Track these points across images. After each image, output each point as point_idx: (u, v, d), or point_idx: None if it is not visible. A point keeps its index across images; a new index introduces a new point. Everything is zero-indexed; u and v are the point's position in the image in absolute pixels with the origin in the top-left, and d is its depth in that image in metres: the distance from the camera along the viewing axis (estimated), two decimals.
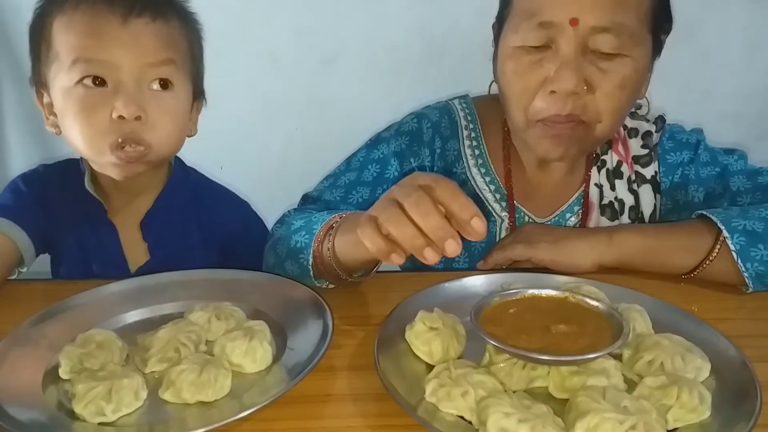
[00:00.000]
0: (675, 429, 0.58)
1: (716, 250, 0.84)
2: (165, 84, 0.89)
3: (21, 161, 1.56)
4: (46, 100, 0.92)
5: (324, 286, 0.83)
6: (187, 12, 0.95)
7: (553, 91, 0.88)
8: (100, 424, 0.60)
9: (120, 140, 0.86)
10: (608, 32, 0.86)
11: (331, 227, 0.78)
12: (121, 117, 0.85)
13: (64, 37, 0.86)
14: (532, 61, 0.89)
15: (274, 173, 1.51)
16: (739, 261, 0.83)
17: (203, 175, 1.09)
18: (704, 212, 0.87)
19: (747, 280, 0.83)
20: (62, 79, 0.87)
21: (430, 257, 0.60)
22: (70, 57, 0.85)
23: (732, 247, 0.83)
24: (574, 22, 0.86)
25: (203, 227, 1.04)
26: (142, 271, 0.98)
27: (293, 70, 1.50)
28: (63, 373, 0.67)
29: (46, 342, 0.71)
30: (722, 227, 0.84)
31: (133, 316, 0.78)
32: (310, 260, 0.80)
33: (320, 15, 1.45)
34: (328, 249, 0.76)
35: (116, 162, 0.88)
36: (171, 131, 0.91)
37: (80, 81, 0.85)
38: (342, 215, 0.79)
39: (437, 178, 0.61)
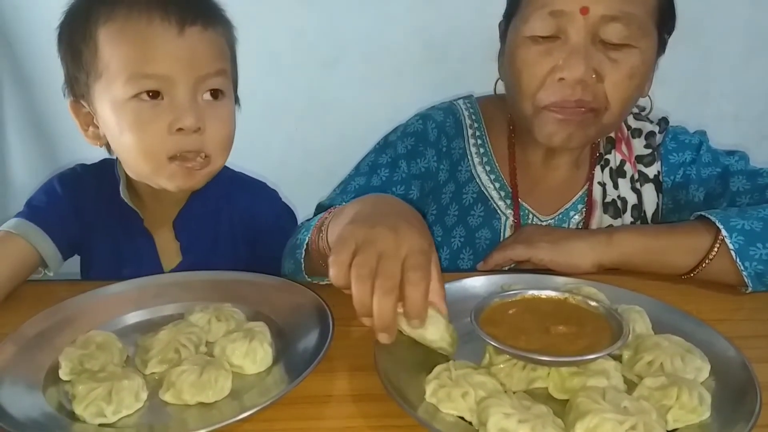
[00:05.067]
0: (675, 429, 0.58)
1: (715, 250, 0.85)
2: (216, 94, 0.87)
3: (21, 162, 1.56)
4: (84, 110, 0.89)
5: (320, 283, 0.84)
6: (226, 17, 0.93)
7: (561, 78, 0.89)
8: (100, 425, 0.60)
9: (179, 154, 0.85)
10: (617, 21, 0.88)
11: (325, 219, 0.78)
12: (180, 129, 0.83)
13: (115, 49, 0.82)
14: (541, 51, 0.91)
15: (275, 174, 1.50)
16: (738, 260, 0.83)
17: (233, 170, 1.06)
18: (703, 213, 0.87)
19: (746, 280, 0.83)
20: (114, 92, 0.83)
21: (364, 323, 0.62)
22: (125, 72, 0.82)
23: (731, 246, 0.83)
24: (584, 10, 0.87)
25: (235, 222, 1.02)
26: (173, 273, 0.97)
27: (294, 72, 1.51)
28: (63, 374, 0.67)
29: (46, 343, 0.71)
30: (721, 227, 0.84)
31: (133, 317, 0.78)
32: (303, 254, 0.81)
33: (321, 17, 1.46)
34: (324, 241, 0.76)
35: (176, 172, 0.86)
36: (226, 139, 0.89)
37: (136, 95, 0.82)
38: (333, 209, 0.79)
39: (416, 266, 0.60)
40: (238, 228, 1.03)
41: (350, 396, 0.66)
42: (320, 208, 1.05)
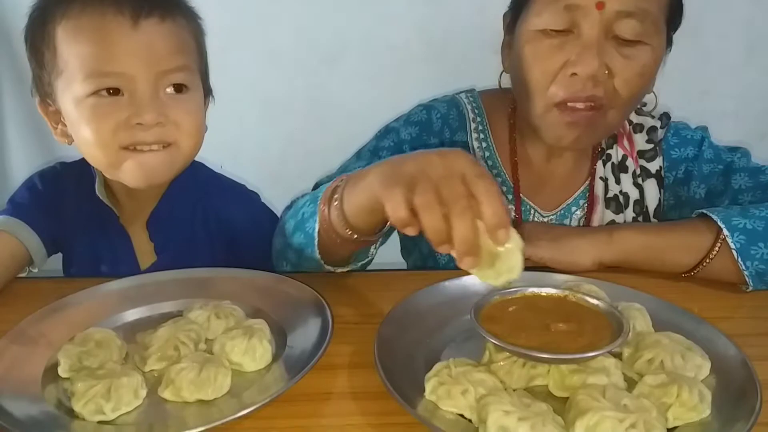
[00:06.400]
0: (675, 427, 0.58)
1: (716, 249, 0.84)
2: (179, 88, 0.87)
3: (21, 161, 1.56)
4: (51, 109, 0.89)
5: (334, 270, 0.82)
6: (189, 7, 0.93)
7: (573, 74, 0.88)
8: (99, 422, 0.60)
9: (133, 146, 0.85)
10: (632, 17, 0.87)
11: (337, 187, 0.76)
12: (139, 124, 0.83)
13: (73, 47, 0.82)
14: (553, 44, 0.90)
15: (274, 173, 1.51)
16: (740, 259, 0.83)
17: (211, 170, 1.06)
18: (704, 211, 0.87)
19: (747, 279, 0.83)
20: (74, 90, 0.83)
21: (443, 251, 0.60)
22: (82, 70, 0.82)
23: (732, 246, 0.83)
24: (600, 5, 0.86)
25: (211, 223, 1.02)
26: (149, 272, 0.97)
27: (294, 70, 1.51)
28: (62, 371, 0.67)
29: (45, 340, 0.71)
30: (722, 226, 0.84)
31: (132, 314, 0.78)
32: (316, 227, 0.78)
33: (321, 14, 1.46)
34: (337, 209, 0.74)
35: (132, 166, 0.85)
36: (192, 130, 0.88)
37: (94, 93, 0.82)
38: (345, 176, 0.77)
39: (480, 175, 0.59)
40: (213, 230, 1.02)
41: (350, 393, 0.66)
42: (318, 187, 1.00)
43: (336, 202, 0.74)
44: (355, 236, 0.76)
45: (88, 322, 0.74)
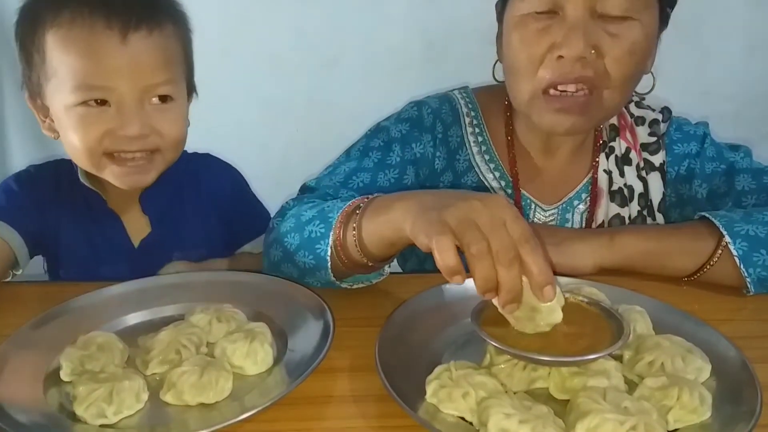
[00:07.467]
0: (675, 430, 0.58)
1: (718, 255, 0.83)
2: (164, 99, 0.90)
3: (21, 161, 1.56)
4: (39, 103, 0.92)
5: (348, 287, 0.82)
6: (176, 10, 0.94)
7: (560, 56, 0.87)
8: (101, 426, 0.60)
9: (116, 154, 0.89)
10: None
11: (355, 210, 0.75)
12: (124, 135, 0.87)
13: (62, 57, 0.85)
14: (539, 28, 0.88)
15: (275, 175, 1.51)
16: (742, 266, 0.82)
17: (186, 151, 1.07)
18: (707, 215, 0.86)
19: (749, 285, 0.82)
20: (63, 97, 0.86)
21: (487, 298, 0.61)
22: (71, 81, 0.85)
23: (734, 253, 0.82)
24: None
25: (198, 197, 1.06)
26: (146, 243, 1.01)
27: (294, 72, 1.51)
28: (64, 375, 0.67)
29: (46, 344, 0.71)
30: (724, 232, 0.82)
31: (134, 318, 0.78)
32: (329, 250, 0.76)
33: (321, 17, 1.46)
34: (354, 235, 0.73)
35: (119, 172, 0.90)
36: (175, 138, 0.93)
37: (82, 103, 0.86)
38: (367, 198, 0.76)
39: (527, 230, 0.60)
40: (203, 201, 1.06)
41: (351, 396, 0.66)
42: (305, 189, 0.99)
43: (353, 230, 0.74)
44: (370, 263, 0.76)
45: (89, 325, 0.74)
